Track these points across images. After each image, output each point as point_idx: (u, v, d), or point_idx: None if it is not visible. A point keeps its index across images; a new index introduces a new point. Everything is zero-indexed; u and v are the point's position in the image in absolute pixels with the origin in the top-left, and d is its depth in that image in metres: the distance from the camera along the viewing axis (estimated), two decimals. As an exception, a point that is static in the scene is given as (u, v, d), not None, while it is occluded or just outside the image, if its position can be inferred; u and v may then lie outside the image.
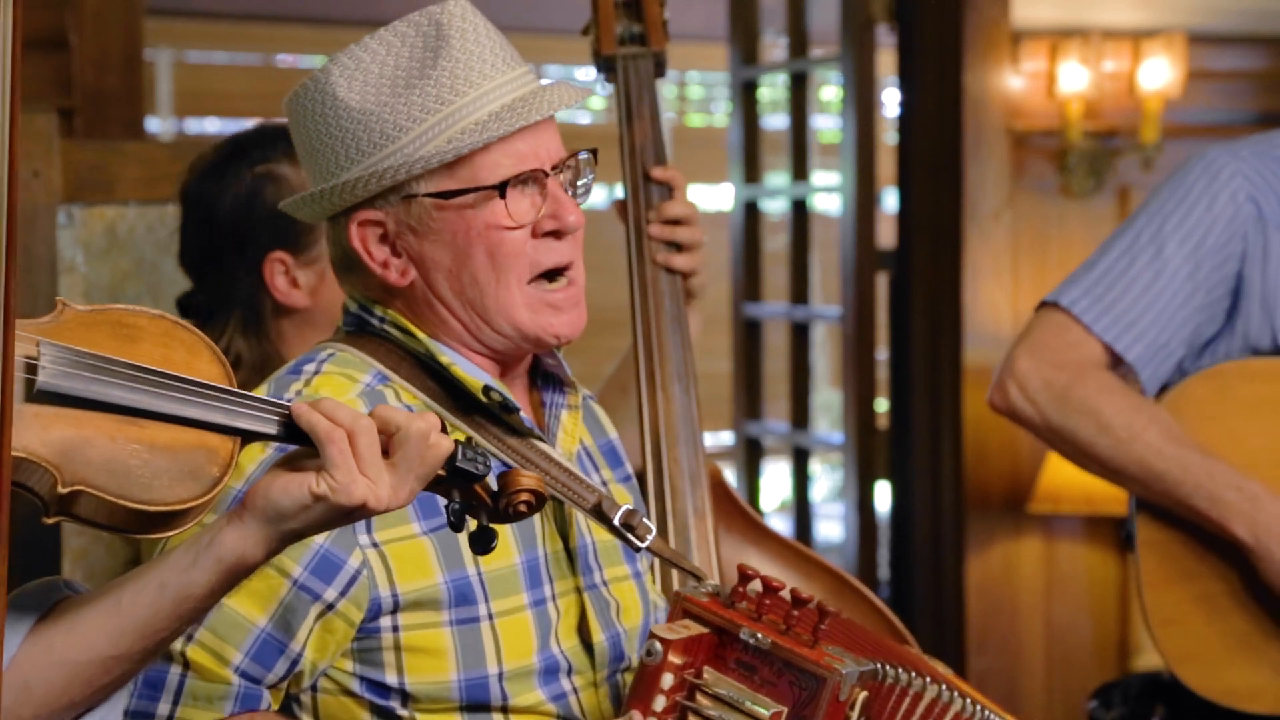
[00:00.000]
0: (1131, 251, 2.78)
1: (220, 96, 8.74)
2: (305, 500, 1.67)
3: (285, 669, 1.95)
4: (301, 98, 2.03)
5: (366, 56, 2.01)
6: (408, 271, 2.04)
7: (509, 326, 2.05)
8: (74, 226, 3.06)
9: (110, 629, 1.70)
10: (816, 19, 5.91)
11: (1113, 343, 2.76)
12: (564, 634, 2.07)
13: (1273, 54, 5.23)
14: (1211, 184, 2.76)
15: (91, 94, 3.89)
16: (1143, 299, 2.76)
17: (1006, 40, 4.97)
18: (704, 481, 2.51)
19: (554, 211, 2.04)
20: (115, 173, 3.10)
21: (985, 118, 4.98)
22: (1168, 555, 2.75)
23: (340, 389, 2.03)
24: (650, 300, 2.56)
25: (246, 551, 1.69)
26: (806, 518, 6.07)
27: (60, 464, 1.58)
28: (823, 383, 7.83)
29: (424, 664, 1.98)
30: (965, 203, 4.97)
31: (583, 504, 2.06)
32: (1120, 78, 5.02)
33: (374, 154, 2.00)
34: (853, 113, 5.51)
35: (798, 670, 1.87)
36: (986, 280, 4.97)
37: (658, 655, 1.89)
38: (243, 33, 8.71)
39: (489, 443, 2.06)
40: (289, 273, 2.71)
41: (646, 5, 2.66)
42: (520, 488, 1.75)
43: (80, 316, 1.67)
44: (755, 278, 6.14)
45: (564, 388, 2.17)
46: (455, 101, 1.99)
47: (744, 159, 6.09)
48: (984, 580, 5.01)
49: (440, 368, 2.06)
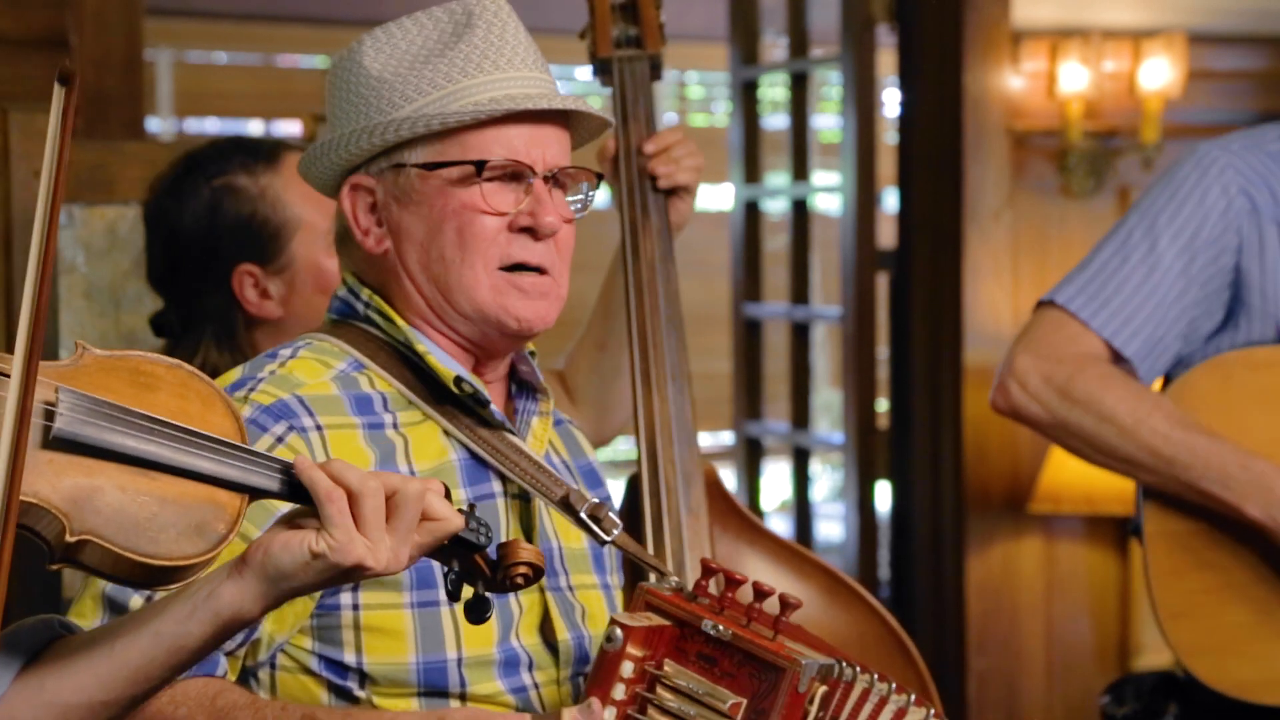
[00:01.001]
0: (1125, 248, 2.78)
1: (220, 97, 8.74)
2: (304, 558, 1.67)
3: (242, 636, 1.96)
4: (336, 65, 2.11)
5: (399, 32, 2.09)
6: (383, 240, 2.09)
7: (469, 306, 2.07)
8: (74, 226, 3.06)
9: (102, 674, 1.70)
10: (817, 19, 5.91)
11: (1110, 338, 2.75)
12: (525, 631, 2.07)
13: (1273, 54, 5.23)
14: (1203, 178, 2.76)
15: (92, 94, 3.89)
16: (1137, 295, 2.76)
17: (1007, 40, 4.97)
18: (699, 481, 2.51)
19: (532, 209, 2.06)
20: (116, 173, 3.10)
21: (985, 118, 4.97)
22: (1177, 545, 2.74)
23: (314, 372, 2.06)
24: (645, 299, 2.56)
25: (244, 607, 1.69)
26: (807, 518, 6.06)
27: (70, 512, 1.58)
28: (823, 383, 7.83)
29: (383, 644, 1.99)
30: (965, 203, 4.97)
31: (550, 495, 2.07)
32: (1120, 78, 5.02)
33: (377, 117, 2.05)
34: (853, 113, 5.50)
35: (758, 662, 1.87)
36: (987, 280, 4.97)
37: (618, 642, 1.89)
38: (243, 33, 8.70)
39: (461, 433, 2.07)
40: (259, 284, 2.71)
41: (643, 8, 2.66)
42: (519, 560, 1.77)
43: (99, 362, 1.67)
44: (755, 277, 6.13)
45: (536, 394, 2.19)
46: (463, 81, 2.04)
47: (744, 159, 6.09)
48: (984, 580, 5.01)
49: (416, 356, 2.08)
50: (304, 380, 2.04)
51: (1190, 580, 2.73)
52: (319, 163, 2.11)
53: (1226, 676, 2.71)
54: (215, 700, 1.91)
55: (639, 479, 2.49)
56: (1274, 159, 2.79)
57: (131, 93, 3.94)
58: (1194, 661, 2.72)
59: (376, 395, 2.07)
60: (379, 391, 2.07)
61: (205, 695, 1.92)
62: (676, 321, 2.57)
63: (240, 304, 2.72)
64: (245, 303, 2.72)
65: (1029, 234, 5.03)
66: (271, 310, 2.72)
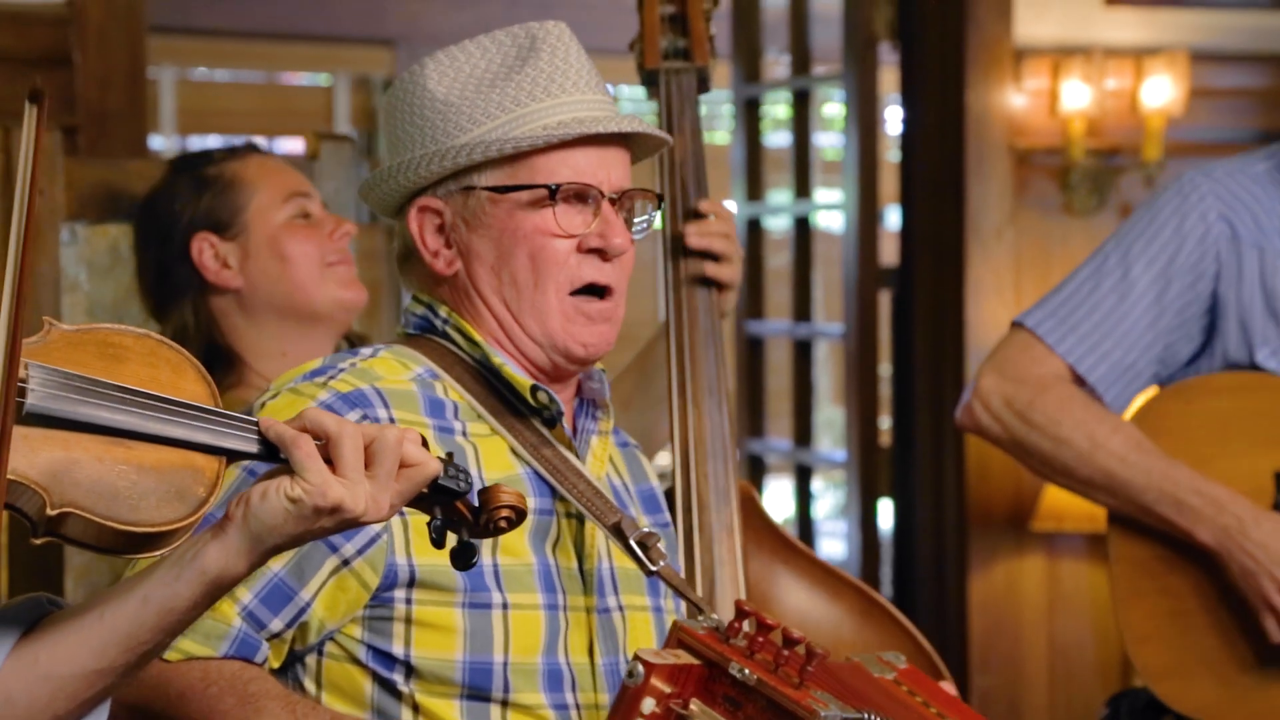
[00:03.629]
0: (1098, 274, 2.79)
1: (223, 114, 8.75)
2: (283, 506, 1.68)
3: (291, 617, 1.98)
4: (397, 88, 2.14)
5: (462, 56, 2.11)
6: (454, 262, 2.12)
7: (539, 331, 2.10)
8: (77, 244, 3.06)
9: (94, 642, 1.70)
10: (819, 37, 5.92)
11: (1075, 363, 2.77)
12: (573, 649, 2.08)
13: (1275, 72, 5.23)
14: (1182, 205, 2.77)
15: (95, 112, 3.90)
16: (1107, 321, 2.76)
17: (1009, 58, 4.97)
18: (734, 498, 2.50)
19: (602, 230, 2.10)
20: (118, 190, 3.11)
21: (987, 135, 4.98)
22: (1140, 569, 2.75)
23: (394, 370, 2.09)
24: (684, 314, 2.55)
25: (229, 564, 1.70)
26: (809, 535, 6.06)
27: (49, 486, 1.59)
28: (825, 400, 7.83)
29: (432, 639, 2.01)
30: (967, 220, 4.97)
31: (604, 520, 2.08)
32: (1122, 95, 5.02)
33: (445, 141, 2.08)
34: (855, 130, 5.51)
35: (780, 710, 1.85)
36: (989, 297, 4.97)
37: (639, 677, 1.88)
38: (246, 51, 8.71)
39: (525, 450, 2.10)
40: (216, 252, 2.84)
41: (692, 20, 2.66)
42: (500, 504, 1.78)
43: (66, 336, 1.68)
44: (758, 295, 6.14)
45: (598, 412, 2.21)
46: (531, 105, 2.07)
47: (746, 176, 6.10)
48: (987, 598, 5.01)
49: (493, 369, 2.11)
50: (383, 375, 2.08)
51: (1153, 603, 2.74)
52: (382, 186, 2.13)
53: (1189, 699, 2.72)
54: (248, 685, 1.93)
55: (672, 494, 2.49)
56: (1257, 182, 2.79)
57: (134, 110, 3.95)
58: (1159, 684, 2.73)
59: (449, 403, 2.10)
60: (451, 400, 2.10)
61: (240, 679, 1.93)
62: (716, 336, 2.56)
63: (199, 271, 2.84)
64: (204, 270, 2.84)
65: (1031, 252, 5.02)
66: (230, 279, 2.84)
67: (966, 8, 4.95)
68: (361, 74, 8.89)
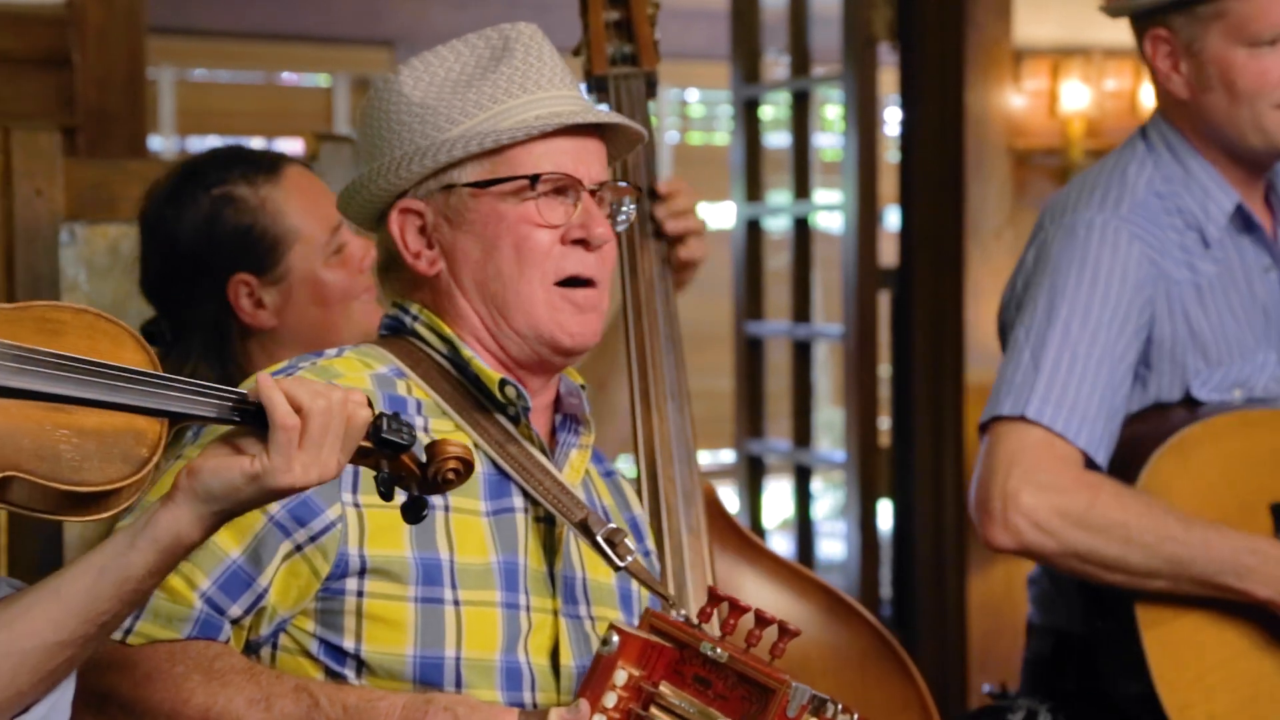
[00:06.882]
0: (1070, 344, 2.70)
1: (223, 115, 8.76)
2: (237, 482, 1.74)
3: (249, 603, 1.99)
4: (371, 97, 2.15)
5: (435, 60, 2.13)
6: (436, 262, 2.13)
7: (525, 323, 2.11)
8: (76, 245, 3.06)
9: (53, 615, 1.75)
10: (818, 37, 5.92)
11: (1086, 446, 2.68)
12: (534, 649, 2.08)
13: (1274, 72, 5.23)
14: (1115, 253, 2.71)
15: (94, 112, 3.90)
16: (1095, 392, 2.68)
17: (1008, 59, 4.98)
18: (699, 500, 2.51)
19: (583, 221, 2.11)
20: (118, 191, 3.10)
21: (987, 136, 4.98)
22: (1174, 634, 2.69)
23: (354, 368, 2.10)
24: (644, 318, 2.56)
25: (181, 531, 1.75)
26: (808, 536, 6.06)
27: None
28: (824, 401, 7.83)
29: (382, 634, 2.02)
30: (967, 221, 4.97)
31: (570, 516, 2.08)
32: (1122, 96, 5.02)
33: (424, 141, 2.10)
34: (854, 131, 5.51)
35: (750, 683, 1.88)
36: (988, 298, 4.97)
37: (613, 646, 1.91)
38: (245, 51, 8.72)
39: (490, 448, 2.10)
40: (254, 294, 2.71)
41: (638, 26, 2.66)
42: (448, 455, 1.81)
43: (4, 313, 1.72)
44: (757, 296, 6.14)
45: (579, 426, 2.21)
46: (508, 101, 2.10)
47: (746, 177, 6.10)
48: (986, 599, 5.01)
49: (461, 362, 2.12)
50: (342, 373, 2.09)
51: (1192, 668, 2.67)
52: (361, 194, 2.14)
53: None
54: (214, 662, 1.96)
55: (639, 497, 2.49)
56: (1149, 215, 2.74)
57: (134, 111, 3.95)
58: None
59: (411, 400, 2.10)
60: (414, 398, 2.11)
61: (205, 656, 1.96)
62: (675, 340, 2.57)
63: (235, 313, 2.71)
64: (240, 312, 2.71)
65: (1030, 252, 5.02)
66: (265, 320, 2.71)
67: (966, 8, 4.96)
68: (361, 74, 8.91)
